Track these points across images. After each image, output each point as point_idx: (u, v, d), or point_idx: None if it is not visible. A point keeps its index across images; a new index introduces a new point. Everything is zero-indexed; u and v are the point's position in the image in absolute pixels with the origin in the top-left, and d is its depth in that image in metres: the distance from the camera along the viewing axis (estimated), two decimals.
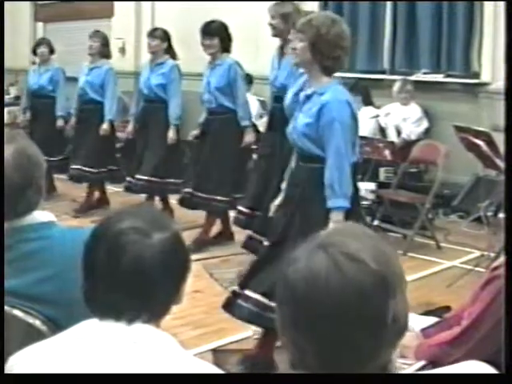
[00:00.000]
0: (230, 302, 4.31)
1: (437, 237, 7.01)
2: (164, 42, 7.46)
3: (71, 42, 11.26)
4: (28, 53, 10.23)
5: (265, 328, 4.25)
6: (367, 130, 8.10)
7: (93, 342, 1.67)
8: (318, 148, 4.04)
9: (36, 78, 8.81)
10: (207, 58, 6.82)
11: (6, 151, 2.23)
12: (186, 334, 4.59)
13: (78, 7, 11.90)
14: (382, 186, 7.60)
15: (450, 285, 5.66)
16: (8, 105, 11.63)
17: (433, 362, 2.63)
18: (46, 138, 8.08)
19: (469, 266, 6.02)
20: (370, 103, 8.49)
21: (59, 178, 8.80)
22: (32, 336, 2.04)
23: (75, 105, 8.36)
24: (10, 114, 11.42)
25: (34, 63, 9.35)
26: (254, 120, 8.52)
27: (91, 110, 8.07)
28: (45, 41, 9.12)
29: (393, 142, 7.86)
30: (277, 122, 5.70)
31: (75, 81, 8.43)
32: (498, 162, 5.76)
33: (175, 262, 1.75)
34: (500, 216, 6.44)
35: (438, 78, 8.44)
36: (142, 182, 7.36)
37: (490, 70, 7.97)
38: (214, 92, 6.68)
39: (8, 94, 12.42)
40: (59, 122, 8.63)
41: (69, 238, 2.31)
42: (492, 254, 5.69)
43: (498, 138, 5.53)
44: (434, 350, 2.65)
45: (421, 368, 2.62)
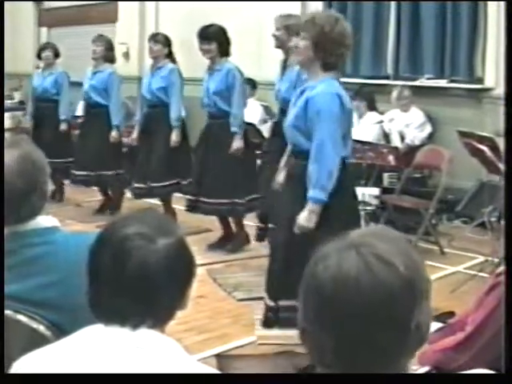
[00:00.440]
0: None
1: (441, 242, 7.01)
2: (166, 47, 7.49)
3: (75, 47, 11.27)
4: (32, 58, 10.25)
5: None
6: (371, 135, 8.11)
7: (97, 348, 1.67)
8: (308, 141, 4.06)
9: (40, 81, 8.83)
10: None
11: (11, 156, 2.23)
12: (189, 339, 4.58)
13: (82, 12, 11.93)
14: (385, 191, 7.59)
15: (453, 290, 5.65)
16: (12, 110, 11.66)
17: (437, 368, 2.63)
18: (50, 141, 8.11)
19: (473, 272, 6.01)
20: (374, 109, 8.49)
21: (63, 182, 8.81)
22: (36, 341, 2.04)
23: (82, 108, 8.37)
24: (13, 118, 11.44)
25: (38, 67, 9.38)
26: (257, 125, 8.54)
27: (96, 113, 8.09)
28: (49, 45, 9.16)
29: (397, 148, 7.85)
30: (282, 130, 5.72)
31: (79, 85, 8.45)
32: (502, 167, 5.75)
33: (180, 267, 1.75)
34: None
35: (442, 83, 8.44)
36: (148, 187, 7.38)
37: (493, 75, 7.96)
38: (212, 97, 6.69)
39: (12, 98, 12.44)
40: (62, 126, 8.65)
41: (73, 243, 2.31)
42: (496, 260, 5.68)
43: (501, 144, 5.52)
44: (438, 356, 2.65)
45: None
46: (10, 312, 2.20)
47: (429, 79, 8.52)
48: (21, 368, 1.73)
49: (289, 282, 4.11)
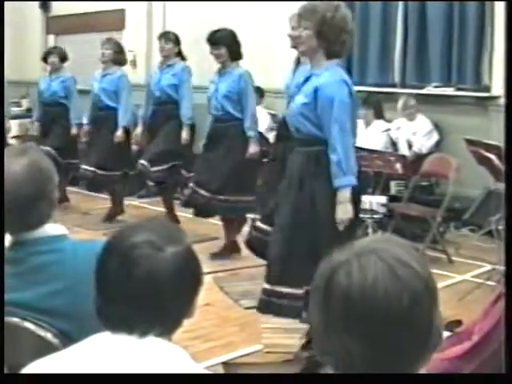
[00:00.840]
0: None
1: (448, 250, 6.99)
2: (176, 45, 7.55)
3: (82, 55, 11.29)
4: (39, 65, 10.26)
5: None
6: (379, 143, 8.10)
7: (105, 356, 1.67)
8: (315, 127, 4.11)
9: (47, 85, 8.82)
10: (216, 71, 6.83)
11: (19, 164, 2.23)
12: (196, 347, 4.57)
13: (90, 20, 11.94)
14: (393, 199, 7.58)
15: (461, 299, 5.64)
16: (20, 117, 11.66)
17: None
18: (59, 146, 8.14)
19: (480, 280, 6.00)
20: (381, 117, 8.48)
21: (71, 190, 8.83)
22: (43, 349, 2.03)
23: (89, 112, 8.37)
24: (21, 126, 11.46)
25: (45, 70, 9.35)
26: (264, 133, 8.54)
27: (106, 116, 8.09)
28: (56, 50, 9.14)
29: (404, 156, 7.84)
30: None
31: (85, 93, 8.45)
32: None
33: (188, 275, 1.75)
34: None
35: (449, 91, 8.43)
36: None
37: (500, 83, 7.94)
38: (221, 100, 6.66)
39: (20, 106, 12.46)
40: (74, 130, 8.64)
41: (80, 251, 2.31)
42: (503, 268, 5.66)
43: None
44: (445, 365, 2.65)
45: None
46: (17, 319, 2.20)
47: (436, 87, 8.52)
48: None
49: (289, 268, 4.13)
